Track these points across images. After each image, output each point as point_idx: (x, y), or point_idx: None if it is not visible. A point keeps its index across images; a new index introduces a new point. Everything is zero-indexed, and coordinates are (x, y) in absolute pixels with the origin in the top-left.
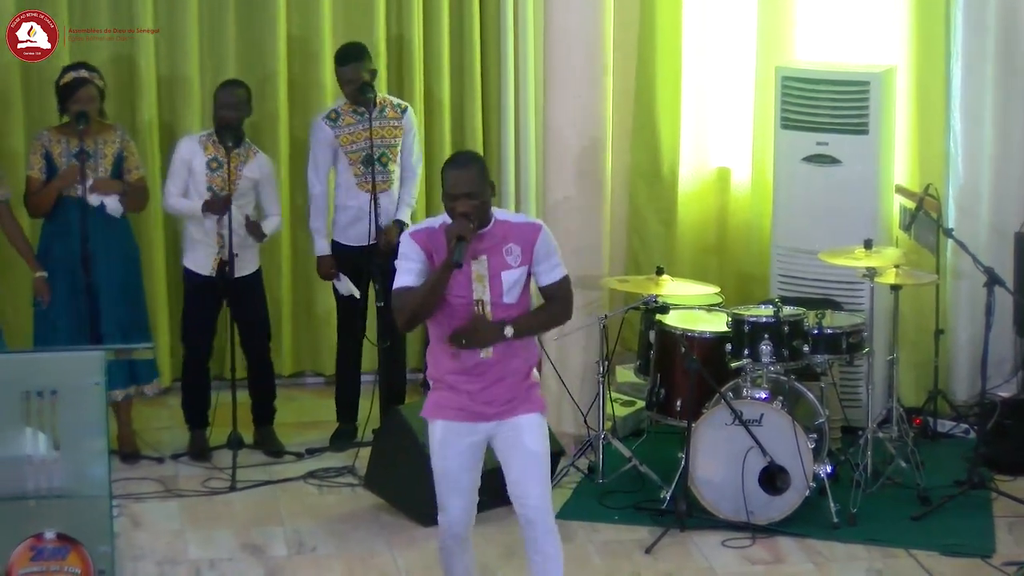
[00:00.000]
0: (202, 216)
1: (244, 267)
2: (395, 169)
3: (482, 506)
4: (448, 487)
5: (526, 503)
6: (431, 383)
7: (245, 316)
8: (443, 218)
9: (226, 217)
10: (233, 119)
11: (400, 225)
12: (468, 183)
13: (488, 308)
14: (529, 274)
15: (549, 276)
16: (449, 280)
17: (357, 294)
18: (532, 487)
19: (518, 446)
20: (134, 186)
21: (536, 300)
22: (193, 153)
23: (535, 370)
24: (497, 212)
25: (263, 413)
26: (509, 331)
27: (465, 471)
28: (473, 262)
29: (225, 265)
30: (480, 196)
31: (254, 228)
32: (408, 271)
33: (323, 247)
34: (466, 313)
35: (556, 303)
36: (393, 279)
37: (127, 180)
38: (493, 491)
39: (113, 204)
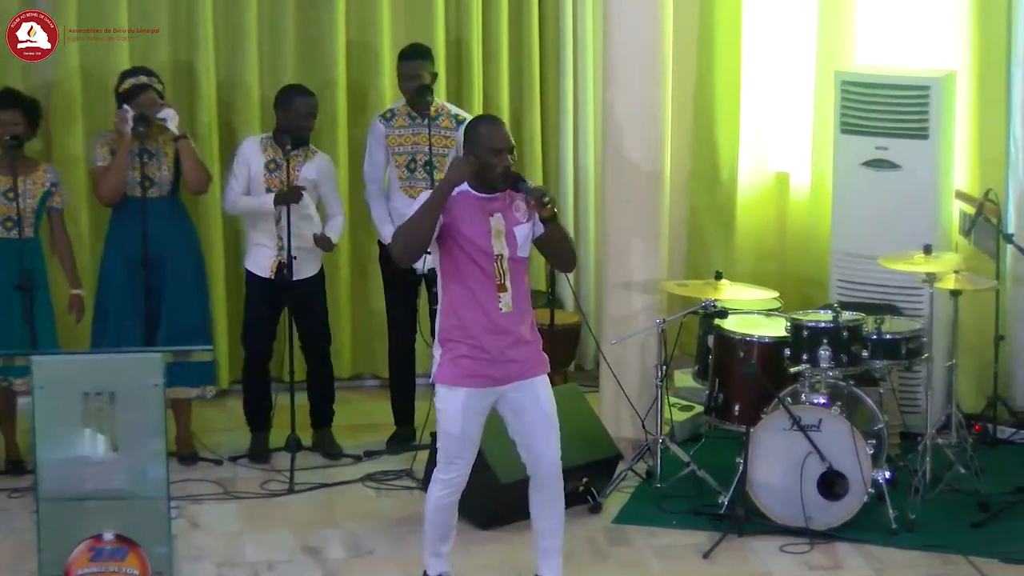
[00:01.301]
0: (273, 209)
1: (305, 270)
2: (440, 177)
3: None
4: (462, 447)
5: (542, 462)
6: (443, 346)
7: (305, 319)
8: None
9: (284, 220)
10: (308, 129)
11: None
12: (508, 137)
13: (507, 263)
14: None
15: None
16: (443, 206)
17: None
18: (550, 448)
19: (536, 408)
20: (196, 162)
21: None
22: (253, 154)
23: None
24: None
25: (322, 416)
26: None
27: (477, 434)
28: (491, 219)
29: (284, 268)
30: (514, 151)
31: (323, 241)
32: None
33: (389, 231)
34: (489, 267)
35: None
36: None
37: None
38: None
39: (173, 119)
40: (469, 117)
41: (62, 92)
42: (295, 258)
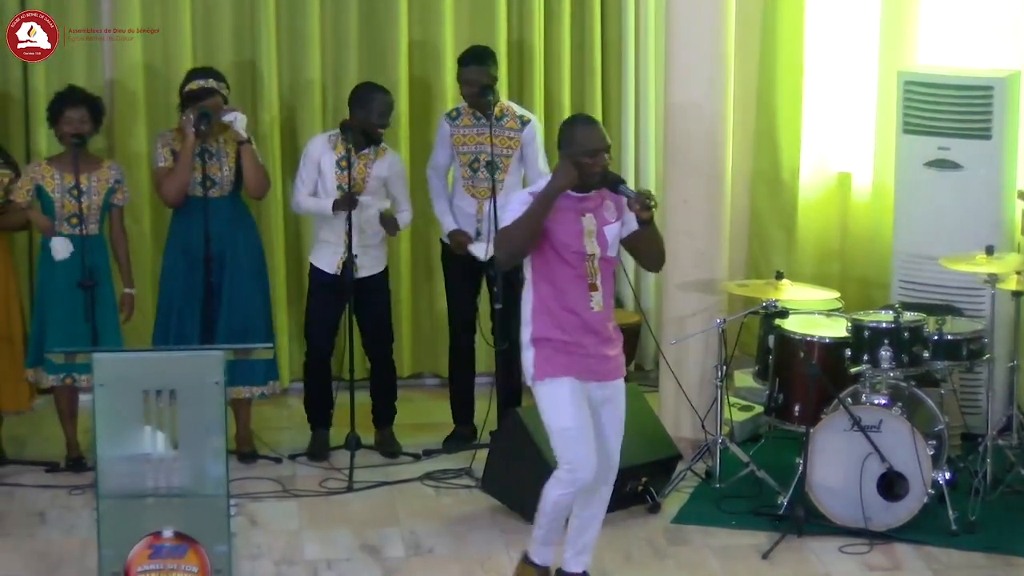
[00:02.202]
0: (332, 215)
1: (370, 268)
2: (504, 179)
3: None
4: (579, 438)
5: (605, 463)
6: (535, 345)
7: (367, 317)
8: (542, 184)
9: (351, 217)
10: (384, 127)
11: None
12: (605, 137)
13: (597, 262)
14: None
15: (632, 224)
16: (549, 211)
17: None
18: (615, 450)
19: (615, 409)
20: (257, 163)
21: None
22: (323, 152)
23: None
24: None
25: (383, 415)
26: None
27: (588, 424)
28: (583, 219)
29: (349, 266)
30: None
31: (389, 222)
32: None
33: (450, 223)
34: (581, 267)
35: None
36: (508, 284)
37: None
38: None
39: (240, 122)
40: (535, 118)
41: (125, 90)
42: (356, 256)
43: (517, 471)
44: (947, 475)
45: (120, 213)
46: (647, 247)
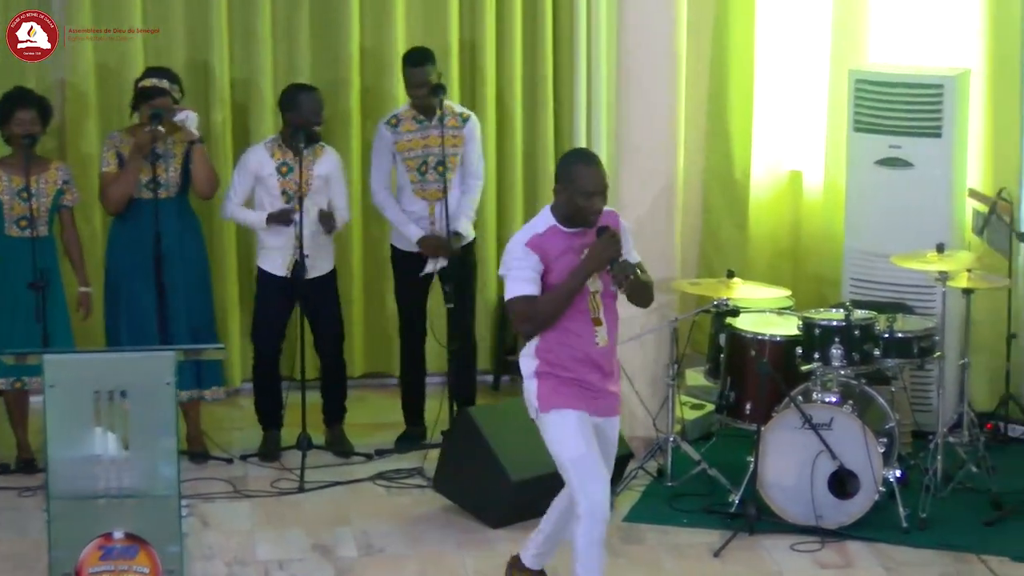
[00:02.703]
0: (265, 227)
1: (319, 268)
2: (453, 178)
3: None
4: (591, 470)
5: None
6: (539, 378)
7: (318, 317)
8: (543, 220)
9: (302, 218)
10: (318, 124)
11: (457, 236)
12: (603, 180)
13: (600, 297)
14: None
15: (633, 256)
16: (582, 287)
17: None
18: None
19: (608, 445)
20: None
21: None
22: (261, 163)
23: None
24: None
25: (334, 413)
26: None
27: (598, 454)
28: (583, 256)
29: (299, 266)
30: (607, 191)
31: (326, 218)
32: (527, 280)
33: (416, 231)
34: (584, 303)
35: (647, 277)
36: (463, 283)
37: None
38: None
39: (192, 121)
40: (473, 114)
41: (77, 91)
42: (307, 256)
43: (469, 471)
44: (898, 472)
45: (71, 214)
46: (635, 295)
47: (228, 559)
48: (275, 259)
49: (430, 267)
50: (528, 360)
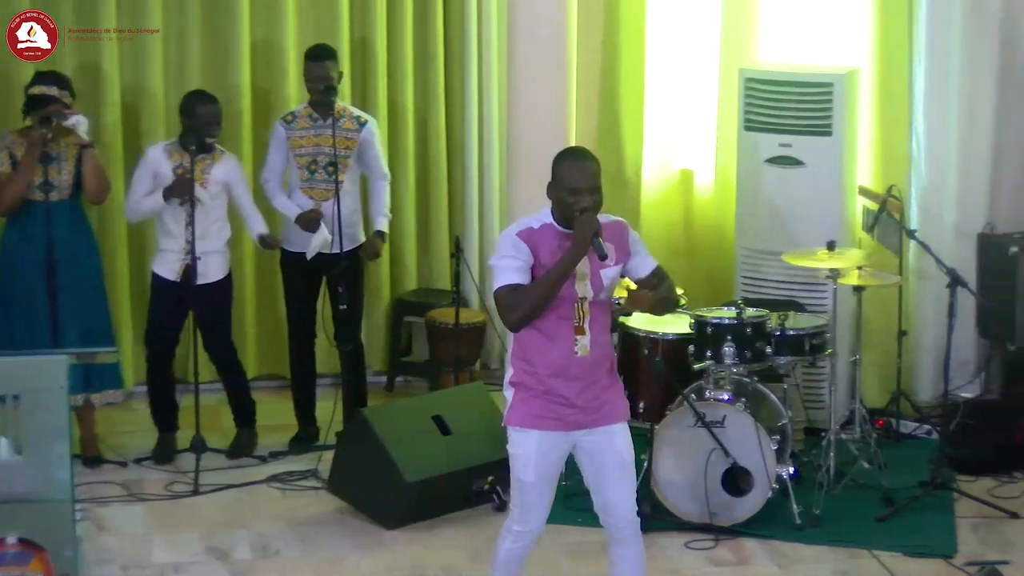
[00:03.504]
0: (162, 203)
1: (212, 274)
2: (344, 180)
3: (449, 508)
4: (536, 498)
5: (614, 512)
6: (514, 388)
7: (206, 321)
8: (539, 218)
9: (194, 222)
10: (213, 135)
11: (381, 236)
12: (592, 178)
13: (587, 305)
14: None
15: (646, 265)
16: (568, 275)
17: (329, 238)
18: (623, 497)
19: (611, 455)
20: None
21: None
22: (159, 162)
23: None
24: None
25: (243, 415)
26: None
27: (555, 477)
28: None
29: (191, 271)
30: (599, 191)
31: (271, 240)
32: (515, 269)
33: (294, 208)
34: (568, 310)
35: (667, 281)
36: (354, 284)
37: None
38: (459, 494)
39: (83, 125)
40: (372, 119)
41: None
42: (199, 258)
43: (364, 472)
44: (791, 469)
45: None
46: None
47: (123, 563)
48: (167, 262)
49: (315, 244)
50: (509, 366)
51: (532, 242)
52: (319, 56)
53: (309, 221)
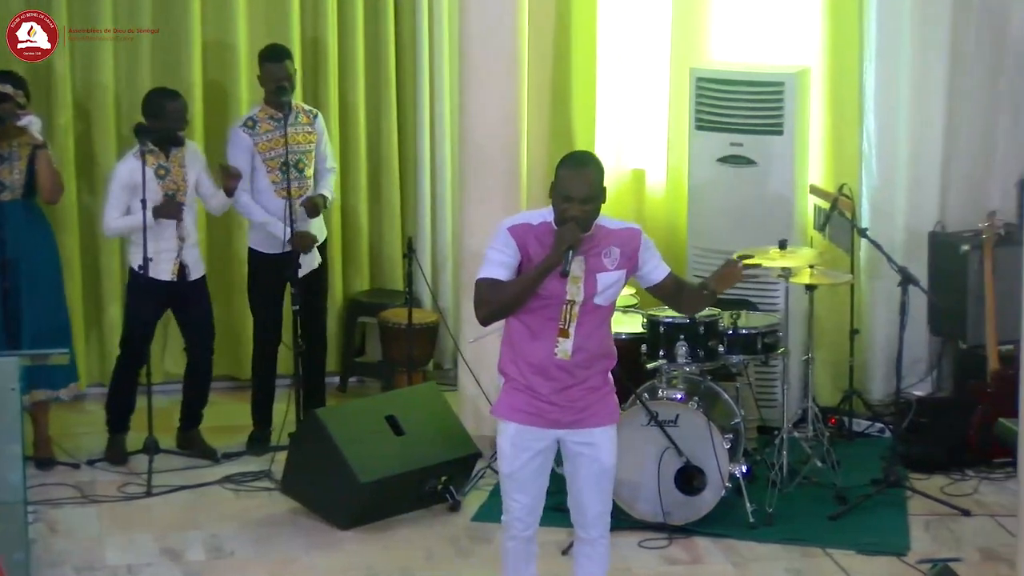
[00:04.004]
0: (139, 224)
1: (197, 271)
2: (311, 175)
3: (403, 508)
4: (514, 490)
5: (586, 514)
6: (503, 377)
7: (193, 320)
8: (543, 214)
9: (180, 221)
10: (182, 130)
11: (323, 199)
12: (586, 187)
13: (577, 308)
14: (626, 279)
15: (659, 272)
16: (544, 278)
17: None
18: (595, 501)
19: (589, 459)
20: (54, 170)
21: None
22: (134, 173)
23: (610, 374)
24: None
25: (196, 417)
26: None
27: (533, 474)
28: (571, 261)
29: (185, 269)
30: (594, 202)
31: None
32: (499, 264)
33: (259, 211)
34: (555, 311)
35: (687, 285)
36: (312, 283)
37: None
38: (413, 494)
39: (35, 125)
40: (317, 110)
41: None
42: (186, 259)
43: (317, 472)
44: (744, 468)
45: None
46: (695, 302)
47: (76, 565)
48: (160, 262)
49: (306, 266)
50: (501, 347)
51: (524, 238)
52: (277, 57)
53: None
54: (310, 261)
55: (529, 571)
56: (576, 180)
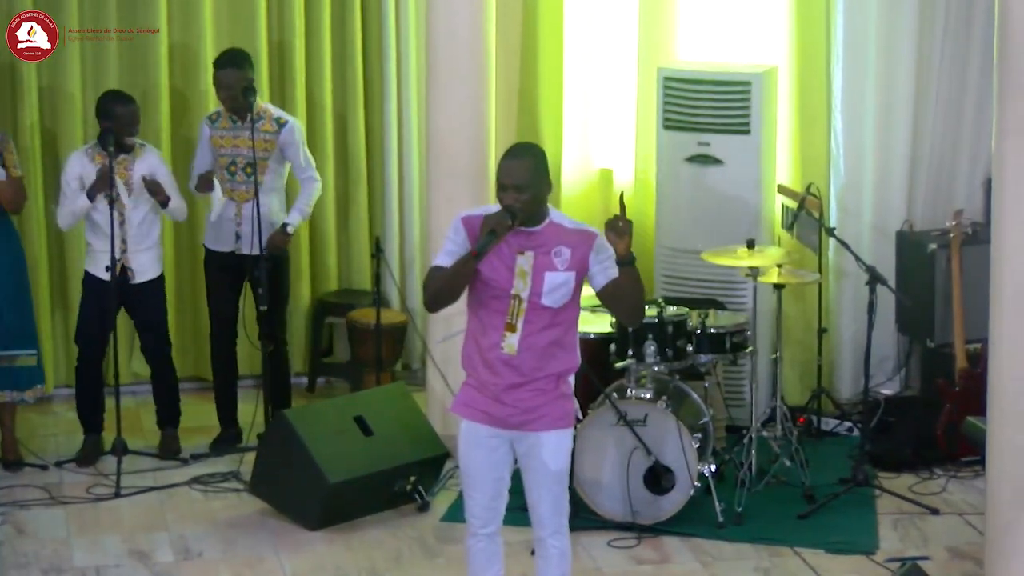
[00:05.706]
0: (88, 205)
1: (145, 273)
2: (263, 181)
3: (372, 509)
4: (467, 482)
5: (537, 515)
6: (465, 371)
7: (144, 321)
8: (480, 211)
9: (118, 220)
10: (133, 135)
11: (284, 230)
12: (519, 175)
13: (524, 304)
14: (579, 282)
15: (601, 277)
16: (473, 269)
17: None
18: (546, 505)
19: (538, 464)
20: (13, 181)
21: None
22: (83, 167)
23: (570, 379)
24: (553, 213)
25: (169, 417)
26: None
27: (487, 470)
28: (519, 257)
29: (126, 269)
30: (530, 191)
31: (154, 185)
32: (446, 252)
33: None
34: (504, 305)
35: (626, 289)
36: (276, 285)
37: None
38: (381, 494)
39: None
40: (293, 119)
41: None
42: (125, 252)
43: (286, 473)
44: (713, 467)
45: None
46: (624, 298)
47: (44, 567)
48: (100, 261)
49: (216, 208)
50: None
51: (476, 229)
52: (226, 64)
53: (206, 182)
54: (218, 202)
55: (493, 570)
56: (510, 168)
